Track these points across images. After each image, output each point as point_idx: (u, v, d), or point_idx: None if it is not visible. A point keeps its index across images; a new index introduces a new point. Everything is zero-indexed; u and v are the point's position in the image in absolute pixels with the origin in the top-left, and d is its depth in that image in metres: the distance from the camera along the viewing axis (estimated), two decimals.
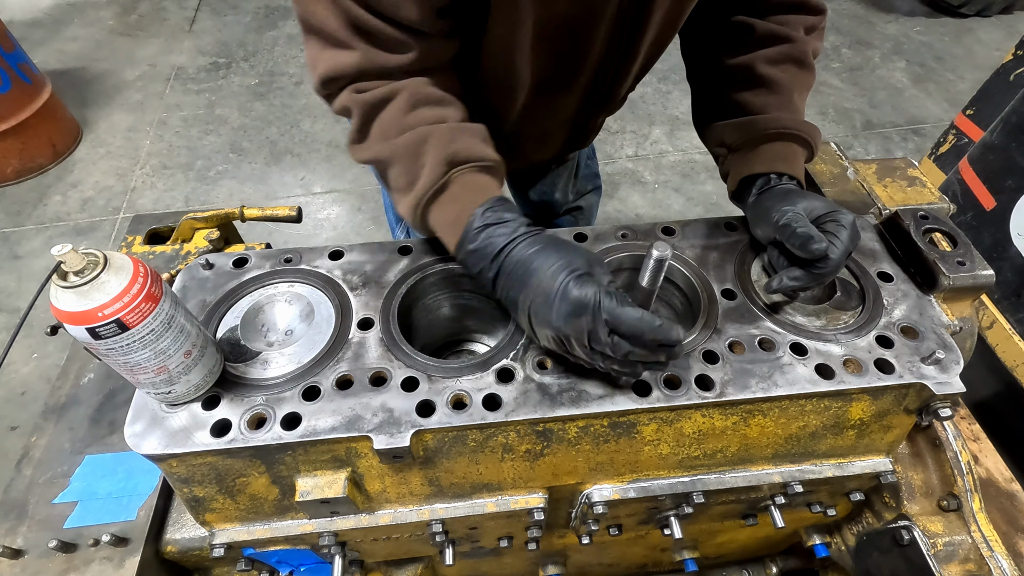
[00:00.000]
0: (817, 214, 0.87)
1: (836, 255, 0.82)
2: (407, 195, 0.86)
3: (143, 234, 1.24)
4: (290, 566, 0.98)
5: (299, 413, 0.76)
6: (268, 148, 3.47)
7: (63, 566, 0.84)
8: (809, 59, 1.02)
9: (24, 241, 2.92)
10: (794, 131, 0.96)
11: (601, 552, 1.24)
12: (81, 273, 0.61)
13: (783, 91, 1.00)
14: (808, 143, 0.98)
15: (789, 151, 0.97)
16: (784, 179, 0.95)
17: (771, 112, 0.98)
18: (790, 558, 1.40)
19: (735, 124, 1.01)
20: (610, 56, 0.98)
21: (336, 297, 0.89)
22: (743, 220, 1.02)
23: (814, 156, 1.01)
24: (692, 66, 1.14)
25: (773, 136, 0.96)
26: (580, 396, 0.78)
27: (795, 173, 0.96)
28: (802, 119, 0.99)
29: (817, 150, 1.00)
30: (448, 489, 0.86)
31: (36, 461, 0.94)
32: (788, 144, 0.97)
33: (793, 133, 0.96)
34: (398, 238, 1.44)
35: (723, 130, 1.03)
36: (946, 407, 0.84)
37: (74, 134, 3.44)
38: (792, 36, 1.00)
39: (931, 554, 0.94)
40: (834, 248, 0.82)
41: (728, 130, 1.02)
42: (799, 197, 0.89)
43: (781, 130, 0.96)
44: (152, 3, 4.65)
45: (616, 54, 0.98)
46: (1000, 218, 1.74)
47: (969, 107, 2.41)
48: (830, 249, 0.82)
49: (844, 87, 3.96)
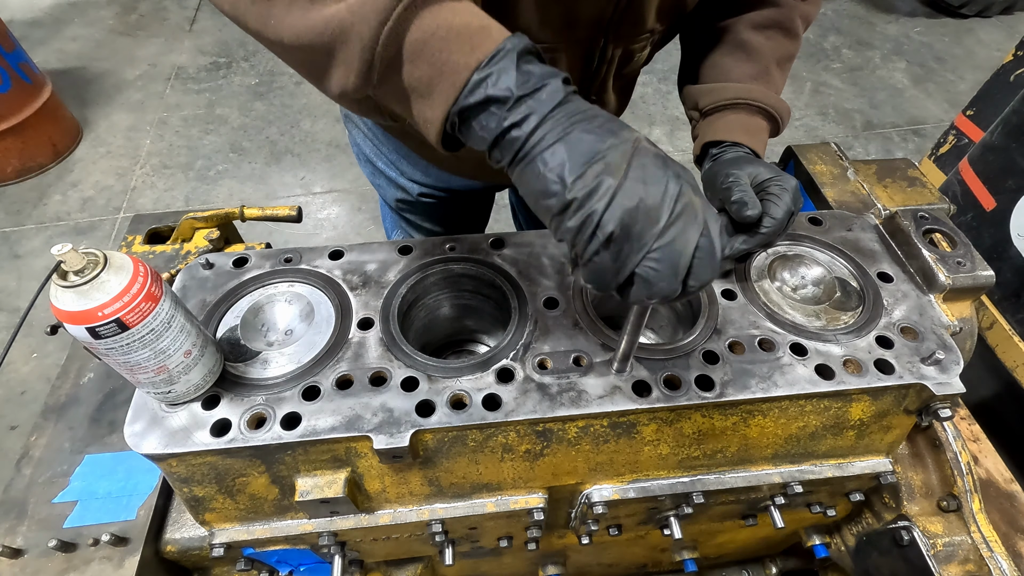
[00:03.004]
0: (761, 179, 0.86)
1: (778, 216, 0.81)
2: (355, 42, 0.57)
3: (143, 234, 1.24)
4: (290, 566, 0.98)
5: (299, 413, 0.76)
6: (268, 148, 3.47)
7: (63, 566, 0.84)
8: (796, 26, 1.01)
9: (24, 241, 2.92)
10: (760, 103, 0.95)
11: (601, 552, 1.24)
12: (81, 273, 0.61)
13: (761, 59, 0.99)
14: (774, 117, 0.97)
15: (753, 123, 0.97)
16: (742, 149, 0.95)
17: (745, 81, 0.98)
18: (790, 558, 1.41)
19: (707, 88, 1.01)
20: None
21: (336, 297, 0.89)
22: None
23: (779, 132, 1.00)
24: (685, 27, 1.13)
25: (740, 106, 0.96)
26: (580, 396, 0.78)
27: (753, 146, 0.96)
28: (773, 92, 0.98)
29: (783, 126, 1.00)
30: (448, 489, 0.86)
31: (36, 461, 0.94)
32: (753, 116, 0.96)
33: (758, 105, 0.95)
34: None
35: (696, 93, 1.03)
36: (946, 407, 0.84)
37: (74, 134, 3.44)
38: (781, 1, 0.99)
39: (931, 555, 0.94)
40: (776, 209, 0.81)
41: (701, 94, 1.02)
42: (746, 163, 0.88)
43: (748, 101, 0.96)
44: (152, 3, 4.65)
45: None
46: (1000, 218, 1.74)
47: (969, 107, 2.41)
48: (772, 210, 0.81)
49: (844, 87, 3.96)
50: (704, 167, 0.98)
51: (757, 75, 0.98)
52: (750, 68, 0.99)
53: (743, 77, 0.98)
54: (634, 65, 1.10)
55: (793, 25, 1.01)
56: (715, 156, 0.96)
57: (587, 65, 1.03)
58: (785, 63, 1.03)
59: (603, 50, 1.00)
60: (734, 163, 0.89)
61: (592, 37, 0.97)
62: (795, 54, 1.04)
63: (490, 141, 0.59)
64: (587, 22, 0.94)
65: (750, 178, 0.86)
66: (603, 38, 0.98)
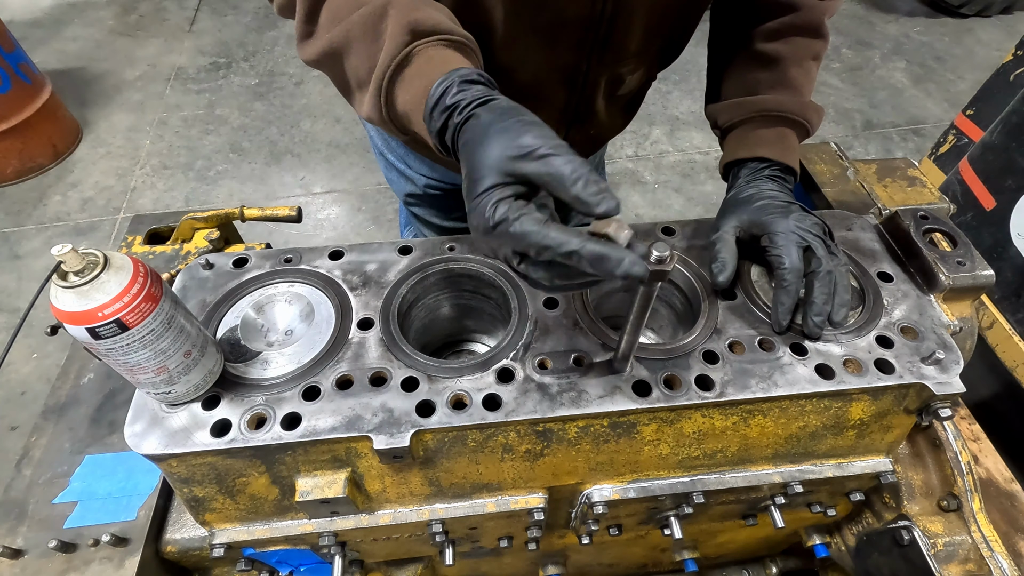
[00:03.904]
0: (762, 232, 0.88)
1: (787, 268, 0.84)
2: (368, 82, 0.72)
3: (143, 234, 1.24)
4: (290, 566, 0.98)
5: (299, 413, 0.76)
6: (268, 148, 3.47)
7: (63, 566, 0.84)
8: (818, 24, 0.97)
9: (24, 241, 2.93)
10: (776, 112, 0.93)
11: (601, 552, 1.24)
12: (81, 273, 0.61)
13: (779, 66, 0.96)
14: (796, 122, 0.94)
15: (771, 134, 0.94)
16: (766, 167, 0.94)
17: (763, 91, 0.96)
18: (790, 558, 1.40)
19: (724, 106, 0.99)
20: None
21: (336, 297, 0.89)
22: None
23: (810, 133, 0.98)
24: (709, 44, 1.11)
25: (757, 119, 0.94)
26: (580, 396, 0.78)
27: (776, 156, 0.93)
28: (796, 96, 0.95)
29: (813, 126, 0.97)
30: (448, 489, 0.86)
31: (36, 461, 0.94)
32: (773, 127, 0.94)
33: (776, 115, 0.93)
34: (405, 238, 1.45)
35: (715, 112, 1.02)
36: (946, 407, 0.84)
37: (74, 134, 3.44)
38: (798, 3, 0.96)
39: (931, 554, 0.94)
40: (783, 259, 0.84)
41: (719, 112, 1.00)
42: (780, 215, 0.88)
43: (764, 112, 0.94)
44: (152, 3, 4.65)
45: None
46: (1000, 218, 1.74)
47: (969, 107, 2.41)
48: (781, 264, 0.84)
49: (844, 87, 3.97)
50: (728, 194, 0.97)
51: (774, 83, 0.96)
52: (766, 77, 0.97)
53: (759, 88, 0.97)
54: (627, 87, 1.09)
55: (814, 24, 0.98)
56: (743, 178, 0.95)
57: (571, 90, 1.02)
58: (808, 62, 0.99)
59: (586, 74, 1.00)
60: (743, 204, 0.91)
61: (574, 64, 0.97)
62: (822, 51, 1.01)
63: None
64: (567, 47, 0.93)
65: (738, 231, 0.89)
66: (586, 64, 0.97)
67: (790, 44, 0.97)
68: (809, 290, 0.84)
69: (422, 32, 0.70)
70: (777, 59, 0.97)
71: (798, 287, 0.84)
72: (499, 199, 0.58)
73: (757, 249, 0.90)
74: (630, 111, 1.24)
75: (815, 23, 0.98)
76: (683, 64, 1.15)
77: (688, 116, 3.70)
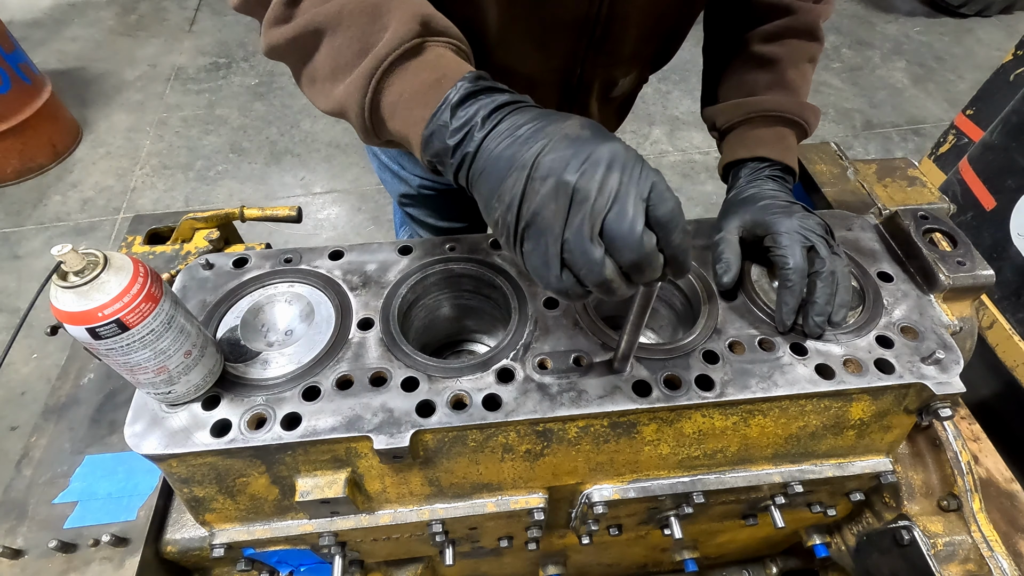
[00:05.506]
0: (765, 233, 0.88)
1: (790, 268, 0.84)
2: (354, 66, 0.68)
3: (143, 234, 1.24)
4: (290, 566, 0.98)
5: (299, 413, 0.76)
6: (268, 148, 3.47)
7: (63, 566, 0.84)
8: (813, 27, 0.98)
9: (24, 241, 2.93)
10: (774, 112, 0.93)
11: (601, 552, 1.24)
12: (81, 273, 0.61)
13: (776, 67, 0.97)
14: (795, 122, 0.95)
15: (770, 134, 0.95)
16: (766, 167, 0.94)
17: (760, 92, 0.96)
18: (790, 558, 1.40)
19: (721, 108, 1.00)
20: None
21: (336, 297, 0.89)
22: None
23: (808, 133, 0.98)
24: (705, 48, 1.11)
25: (755, 119, 0.94)
26: (580, 396, 0.78)
27: (774, 155, 0.94)
28: (793, 96, 0.96)
29: (811, 127, 0.97)
30: (448, 489, 0.86)
31: (36, 461, 0.94)
32: (771, 127, 0.94)
33: (773, 115, 0.93)
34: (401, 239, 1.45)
35: (712, 114, 1.02)
36: (946, 407, 0.84)
37: (74, 134, 3.44)
38: (794, 6, 0.97)
39: (931, 554, 0.94)
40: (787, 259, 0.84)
41: (716, 114, 1.01)
42: (782, 215, 0.87)
43: (761, 112, 0.94)
44: (152, 3, 4.65)
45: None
46: (1000, 218, 1.74)
47: (969, 107, 2.41)
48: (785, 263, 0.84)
49: (844, 87, 3.97)
50: (728, 195, 0.97)
51: (772, 84, 0.97)
52: (764, 78, 0.97)
53: (757, 89, 0.97)
54: (620, 89, 1.10)
55: (810, 27, 0.98)
56: (744, 178, 0.95)
57: (565, 92, 1.02)
58: (805, 64, 1.00)
59: (580, 77, 1.00)
60: (767, 211, 0.90)
61: (568, 66, 0.97)
62: (817, 54, 1.02)
63: (454, 180, 0.67)
64: (562, 50, 0.93)
65: (740, 231, 0.89)
66: (580, 66, 0.98)
67: (787, 46, 0.98)
68: (811, 290, 0.84)
69: (435, 30, 0.69)
70: (774, 61, 0.97)
71: (802, 287, 0.84)
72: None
73: (759, 249, 0.90)
74: (622, 113, 1.25)
75: (811, 26, 0.99)
76: (683, 64, 1.16)
77: (688, 116, 3.70)
